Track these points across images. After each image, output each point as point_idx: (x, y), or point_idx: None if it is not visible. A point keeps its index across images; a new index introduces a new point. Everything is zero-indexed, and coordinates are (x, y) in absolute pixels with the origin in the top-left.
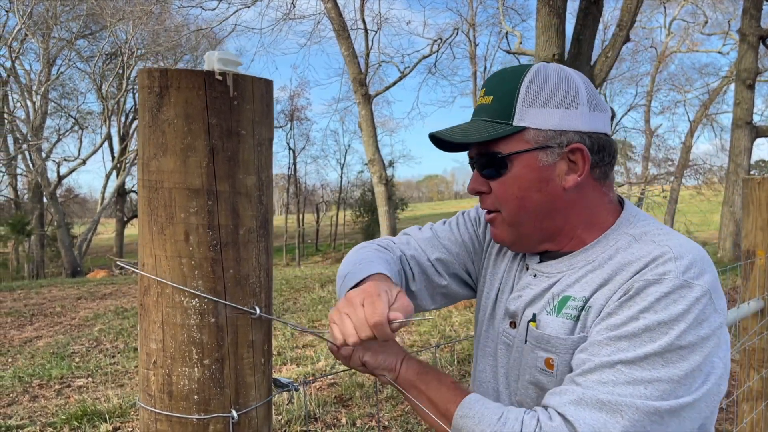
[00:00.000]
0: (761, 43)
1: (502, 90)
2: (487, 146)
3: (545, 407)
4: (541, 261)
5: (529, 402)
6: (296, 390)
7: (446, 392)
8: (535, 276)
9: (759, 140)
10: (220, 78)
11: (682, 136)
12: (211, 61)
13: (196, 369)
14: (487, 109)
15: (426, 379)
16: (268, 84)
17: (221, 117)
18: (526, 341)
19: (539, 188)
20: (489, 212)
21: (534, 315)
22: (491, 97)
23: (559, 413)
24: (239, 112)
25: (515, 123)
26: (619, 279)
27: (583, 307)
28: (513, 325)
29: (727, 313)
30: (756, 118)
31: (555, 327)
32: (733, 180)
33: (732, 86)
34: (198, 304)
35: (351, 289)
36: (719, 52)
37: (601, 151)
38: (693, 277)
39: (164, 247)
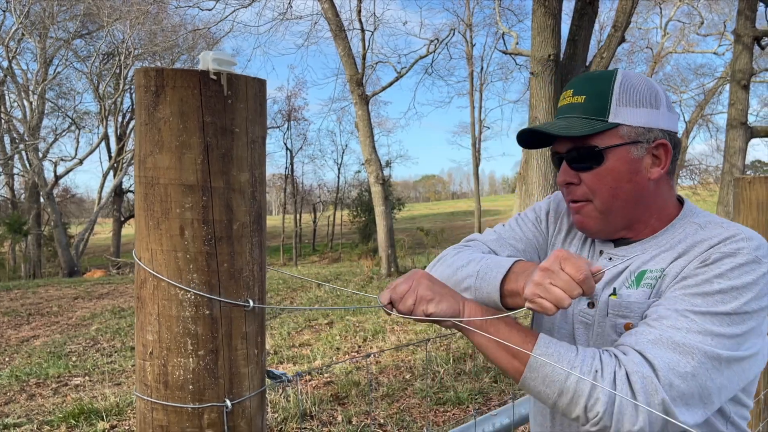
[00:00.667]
0: (756, 44)
1: (596, 90)
2: (583, 140)
3: (619, 346)
4: (609, 248)
5: None
6: (289, 381)
7: (517, 333)
8: (610, 259)
9: (755, 140)
10: (214, 77)
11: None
12: (206, 61)
13: (191, 360)
14: (581, 108)
15: (493, 322)
16: (261, 83)
17: (216, 115)
18: (607, 314)
19: (630, 179)
20: (576, 202)
21: (614, 289)
22: (584, 96)
23: (636, 350)
24: (233, 111)
25: (610, 120)
26: (695, 252)
27: (660, 277)
28: (591, 305)
29: None
30: (751, 119)
31: (635, 296)
32: (727, 180)
33: (727, 87)
34: (193, 297)
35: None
36: (715, 53)
37: (676, 148)
38: (763, 255)
39: (160, 241)
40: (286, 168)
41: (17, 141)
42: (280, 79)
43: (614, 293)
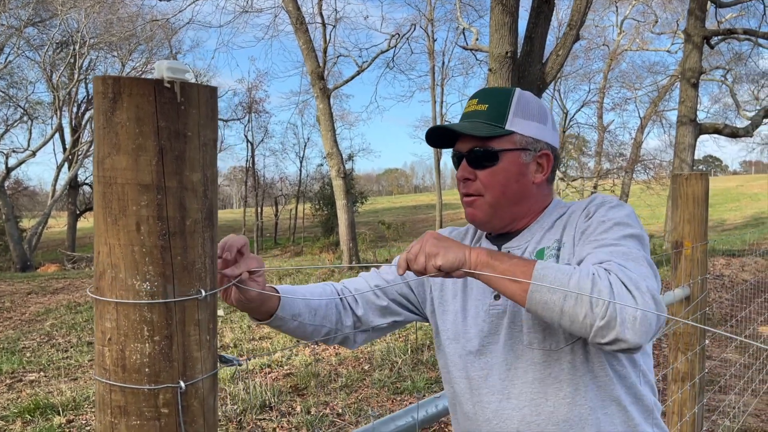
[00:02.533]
0: (705, 44)
1: (497, 101)
2: (483, 142)
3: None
4: (503, 242)
5: (536, 335)
6: (240, 365)
7: (518, 261)
8: (509, 252)
9: (706, 136)
10: (168, 86)
11: (633, 132)
12: (161, 70)
13: (147, 345)
14: (484, 114)
15: (498, 256)
16: (212, 91)
17: (169, 120)
18: None
19: (517, 180)
20: (469, 196)
21: None
22: (487, 105)
23: (609, 261)
24: (186, 116)
25: (507, 127)
26: (574, 218)
27: (558, 248)
28: (497, 297)
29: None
30: (701, 116)
31: None
32: (672, 176)
33: (679, 84)
34: (149, 287)
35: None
36: (668, 51)
37: (556, 160)
38: (619, 201)
39: (118, 236)
40: (247, 161)
41: None
42: (241, 70)
43: None
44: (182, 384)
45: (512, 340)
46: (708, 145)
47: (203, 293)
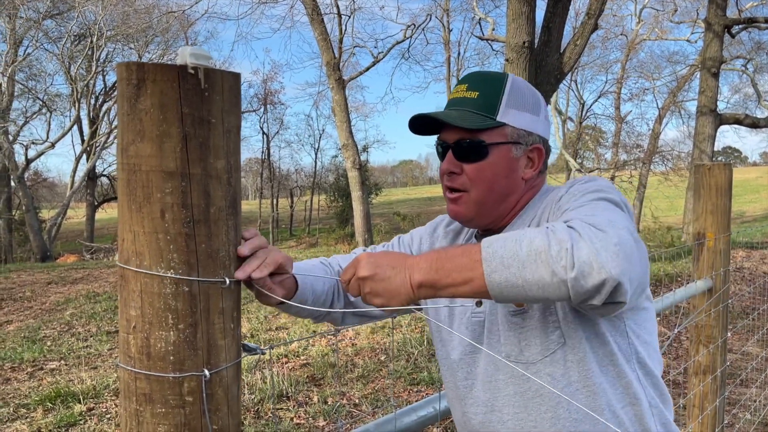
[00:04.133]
0: (726, 32)
1: (489, 89)
2: (472, 134)
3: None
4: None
5: (513, 347)
6: (263, 353)
7: (462, 254)
8: None
9: (726, 127)
10: (192, 71)
11: (651, 122)
12: (184, 56)
13: (171, 333)
14: (473, 103)
15: (439, 260)
16: (236, 77)
17: (193, 107)
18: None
19: (506, 175)
20: (454, 191)
21: None
22: (477, 92)
23: (575, 217)
24: (210, 102)
25: (498, 118)
26: (549, 207)
27: None
28: (479, 303)
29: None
30: (721, 106)
31: None
32: (694, 166)
33: (698, 74)
34: (173, 275)
35: None
36: (687, 41)
37: (547, 153)
38: (598, 177)
39: (142, 223)
40: (263, 152)
41: None
42: (256, 62)
43: None
44: (207, 372)
45: (492, 350)
46: (728, 136)
47: (227, 281)
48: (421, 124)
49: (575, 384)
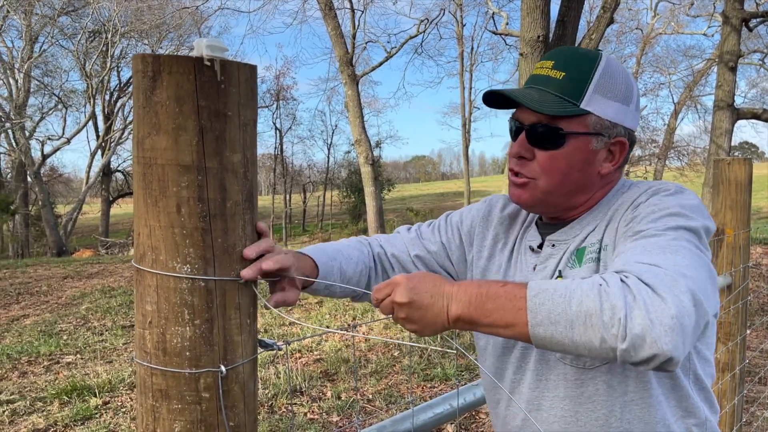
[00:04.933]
0: (744, 26)
1: (577, 70)
2: (551, 119)
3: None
4: (550, 232)
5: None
6: (279, 350)
7: (506, 299)
8: (553, 246)
9: (743, 122)
10: (208, 63)
11: (666, 117)
12: (200, 48)
13: (188, 328)
14: (557, 84)
15: (483, 301)
16: (252, 69)
17: (209, 99)
18: None
19: (581, 168)
20: (519, 175)
21: (560, 272)
22: (563, 73)
23: (633, 264)
24: (226, 95)
25: (583, 105)
26: (620, 210)
27: (599, 249)
28: None
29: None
30: (739, 100)
31: (582, 273)
32: (713, 161)
33: (715, 68)
34: (189, 270)
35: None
36: (704, 34)
37: (632, 146)
38: (682, 187)
39: (158, 218)
40: (276, 148)
41: (3, 119)
42: (269, 57)
43: (560, 275)
44: (223, 368)
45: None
46: (745, 131)
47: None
48: (498, 99)
49: (631, 394)
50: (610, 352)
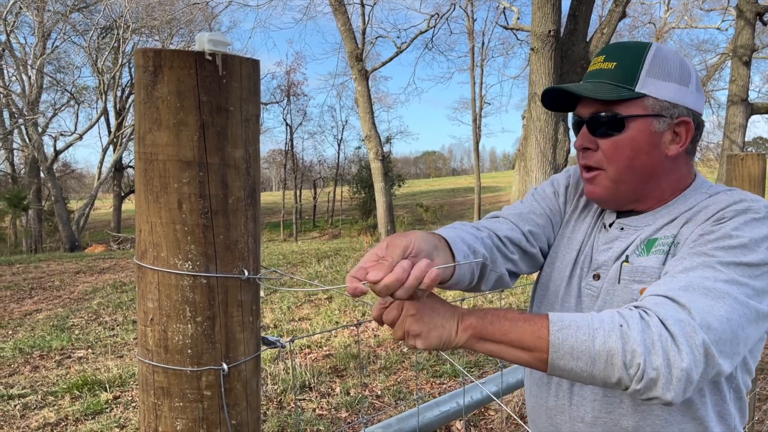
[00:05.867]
0: (758, 20)
1: (627, 58)
2: (608, 106)
3: (644, 299)
4: (623, 216)
5: None
6: (282, 347)
7: (525, 325)
8: (622, 229)
9: (756, 117)
10: (209, 58)
11: None
12: (201, 42)
13: (189, 326)
14: (610, 74)
15: (495, 322)
16: (255, 63)
17: (211, 94)
18: (619, 281)
19: (647, 151)
20: (589, 169)
21: (626, 257)
22: (614, 63)
23: (666, 297)
24: (228, 90)
25: (637, 89)
26: (703, 215)
27: (672, 243)
28: (596, 277)
29: None
30: (753, 95)
31: (649, 262)
32: (726, 157)
33: (729, 63)
34: (190, 266)
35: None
36: (718, 29)
37: (698, 128)
38: None
39: (159, 214)
40: (286, 144)
41: (16, 116)
42: (279, 53)
43: (626, 260)
44: (225, 366)
45: None
46: (759, 126)
47: (246, 273)
48: (556, 100)
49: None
50: (622, 387)
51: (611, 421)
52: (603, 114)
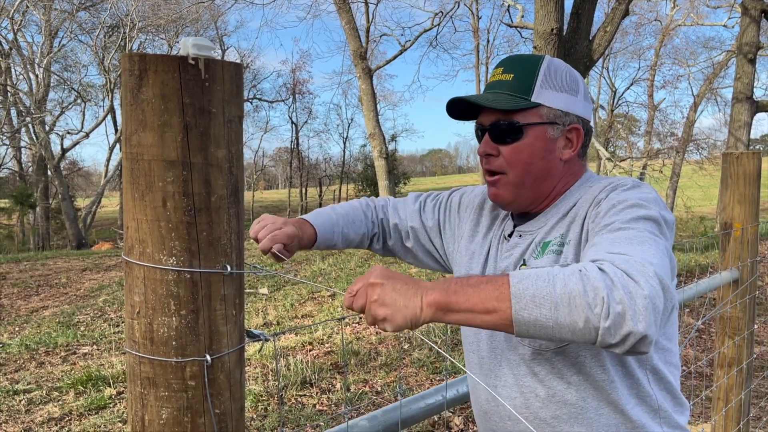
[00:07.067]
0: (764, 17)
1: (523, 71)
2: (507, 115)
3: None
4: (520, 224)
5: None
6: (267, 340)
7: (488, 287)
8: (520, 236)
9: (762, 115)
10: (192, 62)
11: (685, 110)
12: (186, 47)
13: (174, 318)
14: (508, 85)
15: (459, 290)
16: (237, 67)
17: (194, 97)
18: None
19: (543, 156)
20: (493, 174)
21: (524, 260)
22: (512, 75)
23: (607, 253)
24: (210, 93)
25: (533, 99)
26: (584, 207)
27: (562, 243)
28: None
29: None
30: (759, 93)
31: (543, 263)
32: (722, 155)
33: (735, 60)
34: (175, 262)
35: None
36: (724, 26)
37: (587, 134)
38: (639, 182)
39: (145, 212)
40: (292, 142)
41: (24, 114)
42: (285, 52)
43: (524, 263)
44: (208, 357)
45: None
46: (764, 124)
47: (229, 269)
48: (460, 110)
49: (586, 374)
50: (593, 332)
51: (531, 414)
52: (503, 122)
